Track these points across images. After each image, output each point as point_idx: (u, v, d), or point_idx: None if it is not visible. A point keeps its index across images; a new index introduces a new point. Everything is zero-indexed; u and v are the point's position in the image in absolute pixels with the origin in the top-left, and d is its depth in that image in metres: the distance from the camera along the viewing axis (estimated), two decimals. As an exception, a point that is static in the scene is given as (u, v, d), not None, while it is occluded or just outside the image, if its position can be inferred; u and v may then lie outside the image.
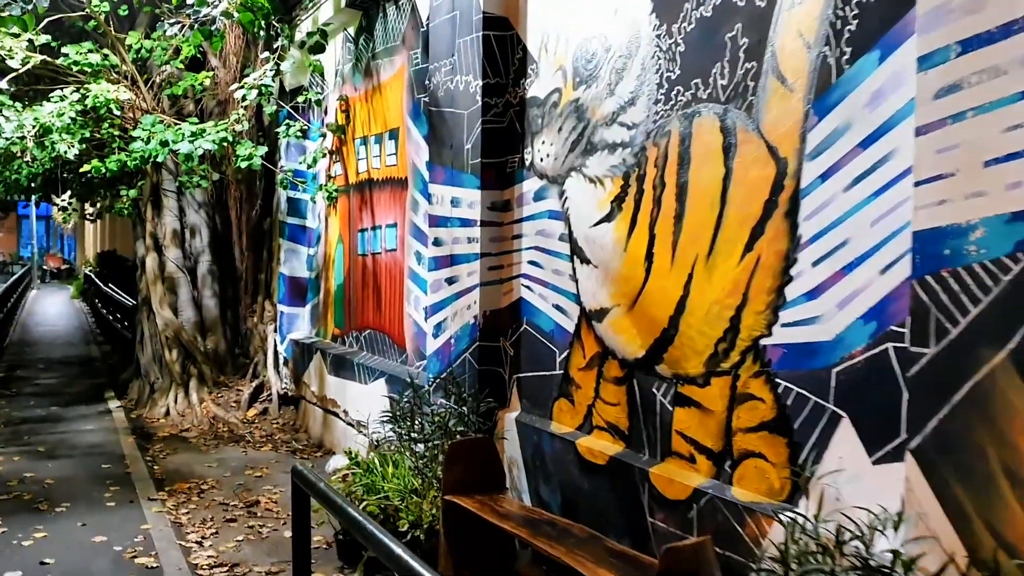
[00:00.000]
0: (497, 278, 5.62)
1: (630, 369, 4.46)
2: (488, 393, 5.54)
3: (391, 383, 6.92)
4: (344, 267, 8.54)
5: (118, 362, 14.22)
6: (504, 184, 5.61)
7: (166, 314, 10.22)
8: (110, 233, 29.96)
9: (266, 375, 9.90)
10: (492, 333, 5.63)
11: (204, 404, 9.64)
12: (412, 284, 7.01)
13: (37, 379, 12.54)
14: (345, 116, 8.41)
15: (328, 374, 8.36)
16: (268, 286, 10.50)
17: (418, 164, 6.90)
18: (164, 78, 10.02)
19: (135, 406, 10.42)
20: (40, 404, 10.61)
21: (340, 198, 8.60)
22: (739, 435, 3.78)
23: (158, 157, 8.27)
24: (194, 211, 10.50)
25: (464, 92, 5.77)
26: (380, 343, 7.66)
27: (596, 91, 4.73)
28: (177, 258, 10.41)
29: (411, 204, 7.05)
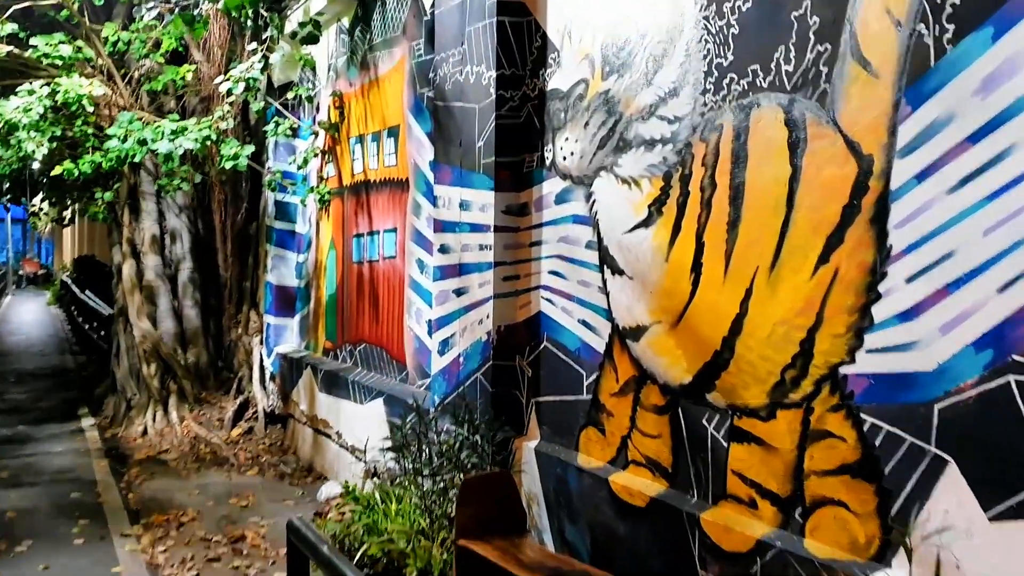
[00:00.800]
0: (512, 289, 5.06)
1: (674, 397, 3.91)
2: (503, 419, 4.97)
3: (391, 404, 6.34)
4: (337, 275, 7.95)
5: (93, 374, 13.53)
6: (520, 185, 5.05)
7: (144, 325, 9.58)
8: (88, 237, 29.18)
9: (251, 391, 9.28)
10: (507, 351, 5.06)
11: (184, 423, 9.01)
12: (413, 295, 6.43)
13: (6, 394, 11.86)
14: (339, 113, 7.82)
15: (319, 391, 7.76)
16: (253, 295, 9.89)
17: (420, 164, 6.33)
18: (143, 73, 9.42)
19: (110, 424, 9.77)
20: (7, 422, 9.94)
21: (333, 201, 8.02)
22: (813, 478, 3.23)
23: (135, 157, 7.68)
24: (175, 215, 9.87)
25: (475, 84, 5.21)
26: (377, 359, 7.07)
27: (630, 81, 4.18)
28: (156, 265, 9.78)
29: (412, 207, 6.48)
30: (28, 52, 7.77)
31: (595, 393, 4.44)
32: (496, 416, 4.97)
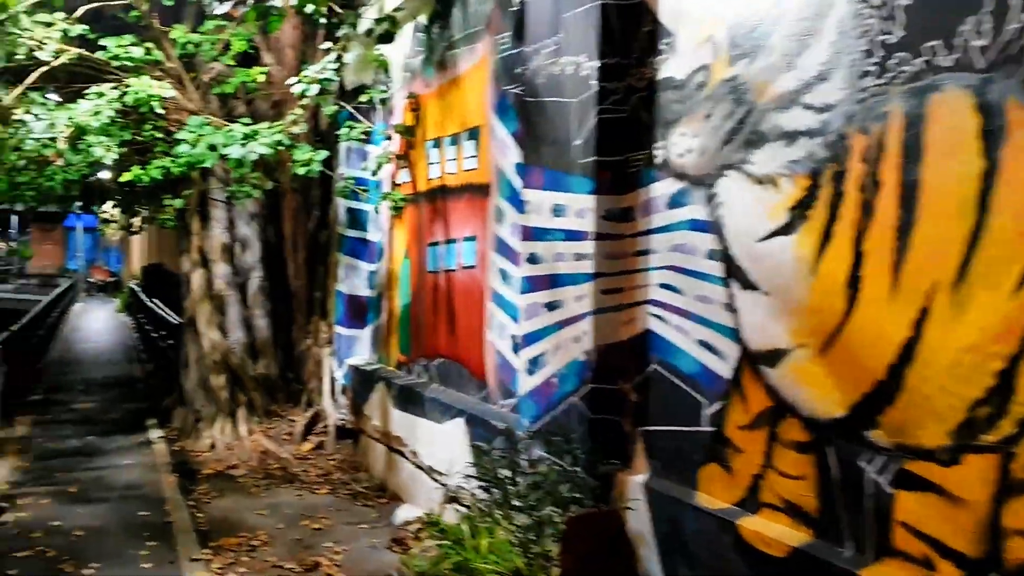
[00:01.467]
0: (615, 304, 4.55)
1: (822, 433, 3.35)
2: (603, 449, 4.46)
3: (473, 425, 5.87)
4: (411, 285, 7.53)
5: (161, 384, 13.38)
6: (624, 187, 4.54)
7: (213, 335, 9.30)
8: (157, 245, 29.49)
9: (321, 404, 8.93)
10: (608, 373, 4.55)
11: (254, 437, 8.69)
12: (496, 308, 5.96)
13: (75, 403, 11.74)
14: (414, 116, 7.42)
15: (393, 407, 7.34)
16: (323, 305, 9.55)
17: (504, 167, 5.87)
18: (212, 77, 9.14)
19: (179, 437, 9.51)
20: (76, 433, 9.76)
21: (407, 208, 7.61)
22: (1015, 539, 2.65)
23: (206, 163, 7.37)
24: (244, 223, 9.58)
25: (573, 77, 4.72)
26: (455, 375, 6.62)
27: (765, 65, 3.65)
28: (226, 274, 9.49)
29: (495, 214, 6.01)
30: (98, 54, 7.52)
31: (718, 425, 3.89)
32: (596, 445, 4.46)
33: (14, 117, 6.73)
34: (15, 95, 6.87)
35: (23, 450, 8.78)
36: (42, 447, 8.99)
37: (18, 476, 7.78)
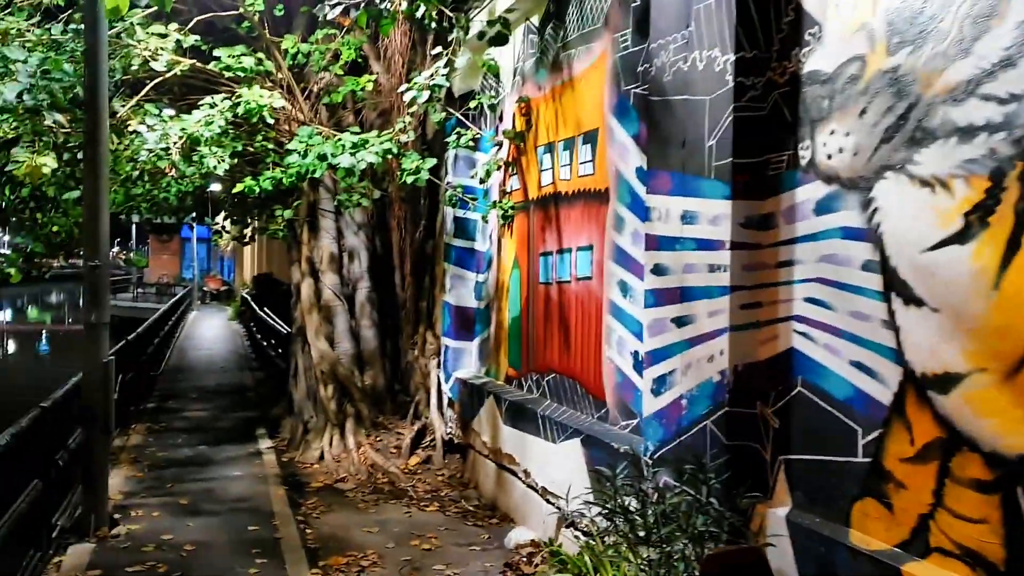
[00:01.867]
0: (753, 320, 4.17)
1: (1010, 471, 2.91)
2: (740, 478, 4.09)
3: (590, 447, 5.56)
4: (521, 297, 7.28)
5: (271, 393, 13.56)
6: (764, 192, 4.16)
7: (322, 346, 9.28)
8: (267, 255, 30.28)
9: (429, 417, 8.77)
10: (746, 395, 4.17)
11: (362, 449, 8.59)
12: (615, 322, 5.64)
13: (187, 411, 11.96)
14: (525, 120, 7.18)
15: (503, 424, 7.10)
16: (430, 316, 9.42)
17: (624, 172, 5.55)
18: (322, 87, 9.15)
19: (287, 447, 9.52)
20: (188, 442, 9.89)
21: (517, 216, 7.37)
22: None
23: (316, 173, 7.31)
24: (352, 233, 9.54)
25: (705, 72, 4.38)
26: (569, 391, 6.33)
27: (932, 53, 3.23)
28: (334, 284, 9.47)
29: (613, 222, 5.70)
30: (211, 65, 7.57)
31: (876, 456, 3.47)
32: (733, 474, 4.09)
33: (129, 128, 6.80)
34: (130, 107, 6.95)
35: (137, 459, 8.92)
36: (155, 456, 9.12)
37: (132, 486, 7.87)
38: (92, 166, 6.32)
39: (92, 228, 6.42)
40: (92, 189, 6.34)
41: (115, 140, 6.58)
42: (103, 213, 6.41)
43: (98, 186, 6.34)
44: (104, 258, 6.44)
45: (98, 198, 6.34)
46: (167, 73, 7.02)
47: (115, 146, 6.58)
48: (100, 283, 6.38)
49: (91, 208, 6.39)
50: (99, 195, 6.37)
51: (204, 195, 9.46)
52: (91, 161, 6.32)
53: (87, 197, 6.43)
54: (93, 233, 6.40)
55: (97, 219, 6.37)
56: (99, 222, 6.38)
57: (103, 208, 6.39)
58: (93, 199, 6.38)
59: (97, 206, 6.37)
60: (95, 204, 6.35)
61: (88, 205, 6.43)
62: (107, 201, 6.39)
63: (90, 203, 6.41)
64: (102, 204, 6.39)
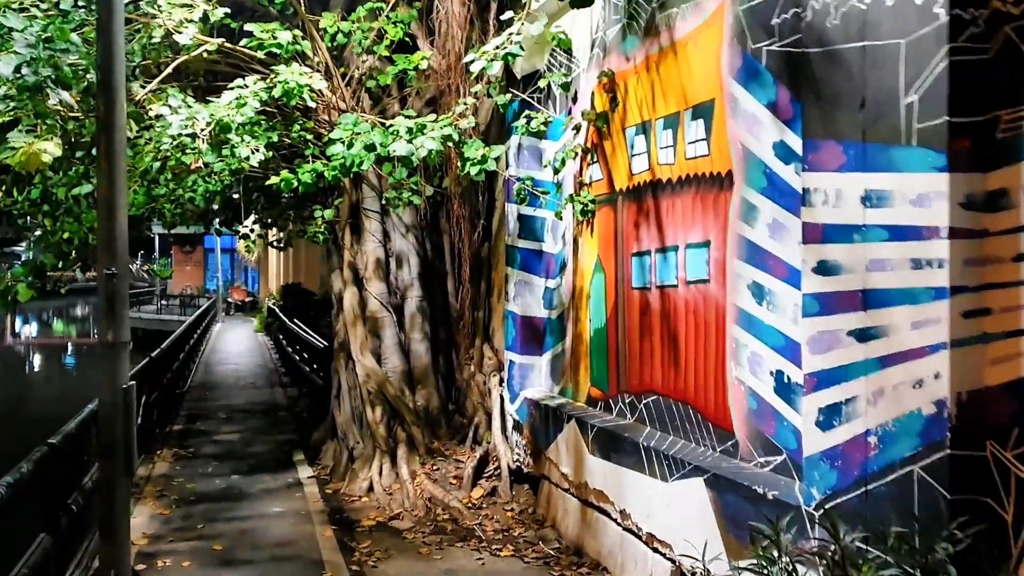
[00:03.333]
0: (979, 332, 3.11)
1: None
2: (972, 547, 3.01)
3: (718, 488, 4.49)
4: (607, 305, 6.24)
5: (306, 410, 12.60)
6: (993, 162, 3.10)
7: (368, 362, 8.27)
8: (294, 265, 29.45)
9: (491, 442, 7.74)
10: (975, 433, 3.11)
11: (417, 480, 7.56)
12: (745, 334, 4.59)
13: (217, 434, 10.99)
14: (609, 99, 6.14)
15: (590, 454, 6.05)
16: (487, 328, 8.40)
17: (755, 149, 4.50)
18: (364, 71, 8.17)
19: (331, 476, 8.52)
20: (219, 471, 8.91)
21: (599, 211, 6.33)
22: None
23: (363, 165, 6.31)
24: (401, 235, 8.53)
25: (899, 7, 3.32)
26: (678, 418, 5.27)
27: None
28: (381, 293, 8.46)
29: (741, 211, 4.64)
30: (242, 42, 6.59)
31: None
32: (961, 541, 3.02)
33: (149, 113, 5.82)
34: (149, 89, 5.98)
35: (163, 492, 7.95)
36: (183, 488, 8.14)
37: (157, 526, 6.90)
38: (107, 156, 5.32)
39: (108, 230, 5.42)
40: (107, 183, 5.34)
41: (133, 127, 5.62)
42: (120, 212, 5.41)
43: (114, 179, 5.34)
44: (123, 265, 5.44)
45: (114, 194, 5.35)
46: (192, 52, 6.05)
47: (133, 134, 5.62)
48: (117, 295, 5.36)
49: (106, 206, 5.39)
50: (115, 190, 5.37)
51: (233, 196, 8.49)
52: (106, 150, 5.32)
53: (102, 193, 5.43)
54: (109, 236, 5.40)
55: (113, 219, 5.37)
56: (116, 222, 5.38)
57: (120, 206, 5.39)
58: (109, 195, 5.38)
59: (113, 203, 5.37)
60: (111, 201, 5.36)
61: (103, 203, 5.43)
62: (125, 198, 5.40)
63: (105, 200, 5.41)
64: (119, 201, 5.40)
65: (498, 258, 8.24)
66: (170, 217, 7.85)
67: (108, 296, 5.37)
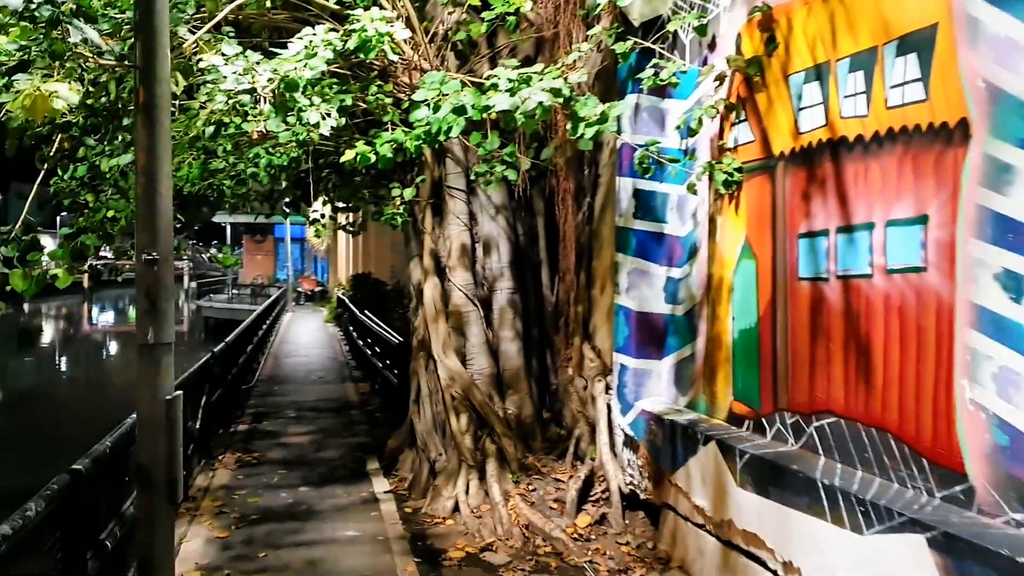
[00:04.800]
0: None
1: None
2: None
3: (952, 554, 3.24)
4: (759, 299, 5.00)
5: (379, 409, 11.62)
6: None
7: (451, 363, 7.17)
8: (363, 254, 28.71)
9: (597, 460, 6.57)
10: None
11: (511, 503, 6.44)
12: (989, 342, 3.33)
13: (285, 435, 10.04)
14: (765, 40, 4.90)
15: (738, 486, 4.83)
16: (587, 324, 7.23)
17: (1012, 87, 3.23)
18: (450, 26, 7.05)
19: (409, 491, 7.45)
20: (286, 480, 7.92)
21: (748, 181, 5.11)
22: None
23: (450, 132, 5.18)
24: (489, 217, 7.40)
25: None
26: (869, 449, 4.03)
27: None
28: (466, 284, 7.35)
29: (984, 173, 3.38)
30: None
31: None
32: None
33: (199, 65, 4.77)
34: (200, 36, 4.93)
35: (222, 508, 6.99)
36: (246, 503, 7.16)
37: (214, 554, 5.92)
38: (146, 114, 4.32)
39: (148, 205, 4.41)
40: (147, 148, 4.34)
41: (180, 81, 4.58)
42: (162, 184, 4.40)
43: (155, 144, 4.33)
44: (165, 249, 4.42)
45: (155, 162, 4.34)
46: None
47: (178, 89, 4.59)
48: (160, 285, 4.34)
49: (147, 177, 4.38)
50: (157, 158, 4.36)
51: (300, 174, 7.48)
52: (145, 107, 4.32)
53: (140, 161, 4.42)
54: (149, 213, 4.40)
55: (154, 192, 4.36)
56: (157, 197, 4.37)
57: (162, 176, 4.38)
58: (149, 164, 4.38)
59: (154, 173, 4.36)
60: (152, 171, 4.35)
61: (142, 173, 4.43)
62: (169, 167, 4.39)
63: (145, 170, 4.40)
64: (161, 170, 4.39)
65: (602, 243, 7.05)
66: (230, 195, 6.84)
67: (148, 287, 4.35)
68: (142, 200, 4.39)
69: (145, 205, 4.37)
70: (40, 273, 5.69)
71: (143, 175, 4.37)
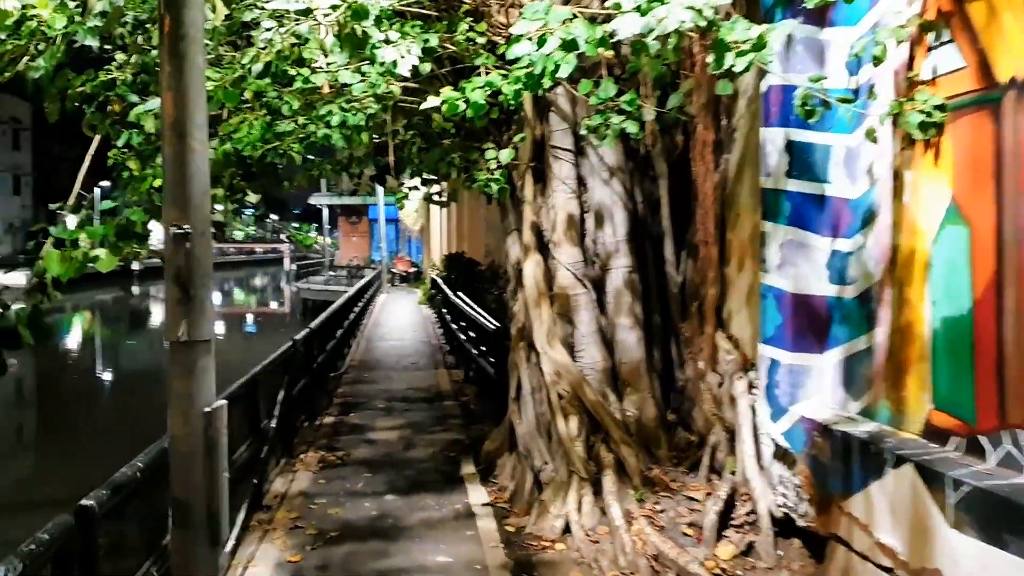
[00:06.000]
0: None
1: None
2: None
3: None
4: (977, 277, 3.75)
5: (474, 400, 10.67)
6: None
7: (557, 355, 6.10)
8: (457, 233, 27.92)
9: (739, 474, 5.41)
10: None
11: (634, 526, 5.34)
12: None
13: (373, 430, 9.17)
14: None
15: (951, 527, 3.61)
16: (720, 308, 6.05)
17: None
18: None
19: (510, 504, 6.43)
20: (371, 486, 7.01)
21: (954, 123, 3.85)
22: None
23: (558, 72, 4.11)
24: (601, 182, 6.27)
25: None
26: None
27: None
28: (574, 262, 6.26)
29: None
30: None
31: None
32: None
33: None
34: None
35: (298, 522, 6.11)
36: (325, 514, 6.28)
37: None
38: (174, 47, 3.38)
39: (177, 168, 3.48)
40: (175, 90, 3.40)
41: (217, 6, 3.60)
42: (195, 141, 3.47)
43: (186, 85, 3.39)
44: (201, 220, 3.48)
45: (186, 107, 3.41)
46: None
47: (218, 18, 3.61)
48: (193, 267, 3.40)
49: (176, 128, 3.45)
50: (188, 101, 3.43)
51: (382, 137, 6.50)
52: (172, 38, 3.38)
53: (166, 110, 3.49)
54: (179, 176, 3.47)
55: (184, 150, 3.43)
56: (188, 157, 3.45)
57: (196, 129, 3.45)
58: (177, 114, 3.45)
59: (184, 126, 3.44)
60: (181, 119, 3.43)
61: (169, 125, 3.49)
62: (204, 115, 3.45)
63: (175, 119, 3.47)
64: (194, 122, 3.45)
65: (739, 210, 5.85)
66: (299, 159, 5.87)
67: (177, 269, 3.42)
68: (169, 159, 3.45)
69: (174, 165, 3.43)
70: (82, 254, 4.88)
71: (171, 127, 3.43)
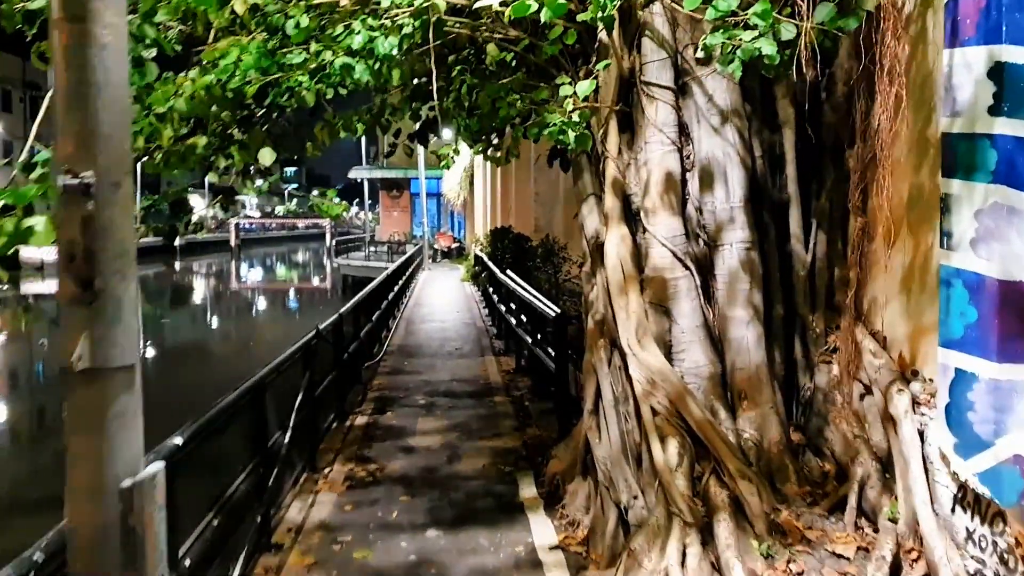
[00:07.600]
0: None
1: None
2: None
3: None
4: None
5: (529, 396, 9.28)
6: None
7: (649, 358, 4.66)
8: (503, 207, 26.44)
9: (902, 520, 3.95)
10: None
11: (764, 597, 3.92)
12: None
13: (412, 435, 7.81)
14: None
15: None
16: (858, 296, 4.57)
17: None
18: None
19: (586, 547, 5.02)
20: (409, 515, 5.65)
21: None
22: None
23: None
24: (711, 130, 4.78)
25: None
26: None
27: None
28: (674, 236, 4.81)
29: None
30: None
31: None
32: None
33: None
34: None
35: (314, 567, 4.78)
36: (347, 562, 4.92)
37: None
38: None
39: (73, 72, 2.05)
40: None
41: None
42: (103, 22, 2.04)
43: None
44: (117, 170, 2.05)
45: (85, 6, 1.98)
46: None
47: None
48: (99, 241, 1.98)
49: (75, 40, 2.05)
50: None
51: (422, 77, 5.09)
52: None
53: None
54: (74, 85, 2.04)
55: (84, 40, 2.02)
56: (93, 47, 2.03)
57: (105, 5, 2.03)
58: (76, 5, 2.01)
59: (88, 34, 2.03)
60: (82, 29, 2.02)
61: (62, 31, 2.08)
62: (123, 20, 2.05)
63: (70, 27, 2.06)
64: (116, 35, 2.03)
65: (890, 166, 4.35)
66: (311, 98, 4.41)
67: (71, 245, 2.03)
68: (59, 60, 2.09)
69: (67, 70, 2.06)
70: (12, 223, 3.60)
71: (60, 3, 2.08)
